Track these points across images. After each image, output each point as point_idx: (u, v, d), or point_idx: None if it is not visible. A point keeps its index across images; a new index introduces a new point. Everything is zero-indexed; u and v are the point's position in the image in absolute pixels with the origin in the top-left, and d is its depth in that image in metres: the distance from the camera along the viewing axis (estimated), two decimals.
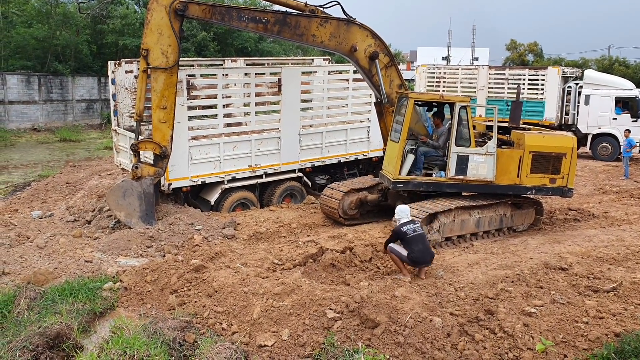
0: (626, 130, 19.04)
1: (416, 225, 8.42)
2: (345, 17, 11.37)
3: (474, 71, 24.50)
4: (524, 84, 22.47)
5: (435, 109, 11.60)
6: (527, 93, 22.44)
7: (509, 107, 22.47)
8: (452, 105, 10.69)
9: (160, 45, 10.20)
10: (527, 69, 23.72)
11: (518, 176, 10.85)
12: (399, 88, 11.95)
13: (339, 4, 11.57)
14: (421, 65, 26.45)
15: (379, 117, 12.50)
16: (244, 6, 10.12)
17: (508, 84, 23.00)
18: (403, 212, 8.58)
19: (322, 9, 11.47)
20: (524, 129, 11.92)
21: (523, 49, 62.91)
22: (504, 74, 23.47)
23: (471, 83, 24.09)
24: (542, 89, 22.28)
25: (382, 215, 12.03)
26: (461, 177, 10.69)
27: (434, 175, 10.96)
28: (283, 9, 11.22)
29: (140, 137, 10.86)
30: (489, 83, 23.53)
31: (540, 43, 63.21)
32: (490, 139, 10.91)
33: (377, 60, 11.55)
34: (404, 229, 8.32)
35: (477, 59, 75.34)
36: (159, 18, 10.10)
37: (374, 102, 12.55)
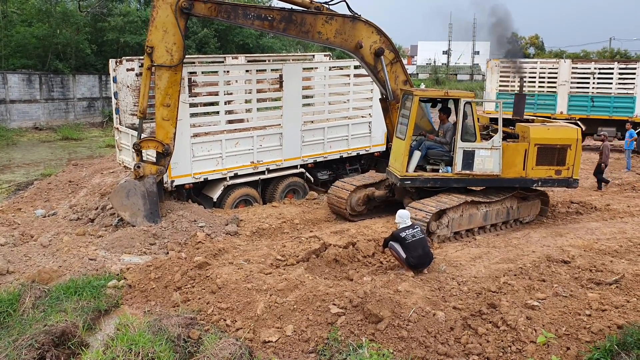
0: (628, 123, 19.02)
1: (415, 230, 8.32)
2: (350, 13, 11.38)
3: (555, 65, 23.07)
4: (612, 78, 21.52)
5: (439, 105, 11.67)
6: (616, 88, 21.44)
7: (594, 104, 21.47)
8: (456, 101, 10.77)
9: (165, 43, 10.20)
10: (617, 62, 22.45)
11: (524, 169, 10.95)
12: (404, 84, 11.98)
13: (344, 0, 11.54)
14: (493, 59, 24.93)
15: (385, 113, 12.53)
16: (250, 4, 10.18)
17: (594, 78, 21.84)
18: (402, 217, 8.52)
19: (327, 6, 11.46)
20: (527, 121, 12.00)
21: (524, 42, 62.79)
22: (589, 68, 22.19)
23: (552, 78, 22.69)
24: (633, 84, 21.21)
25: (390, 210, 12.09)
26: (468, 172, 10.77)
27: (440, 170, 11.03)
28: (289, 6, 11.21)
29: (142, 136, 10.87)
30: (572, 78, 22.30)
31: (541, 36, 63.11)
32: (495, 131, 11.00)
33: (382, 57, 11.57)
34: (403, 234, 8.25)
35: (477, 52, 75.17)
36: (164, 16, 10.09)
37: (379, 99, 12.59)
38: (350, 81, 14.44)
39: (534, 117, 12.78)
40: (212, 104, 12.42)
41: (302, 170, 13.58)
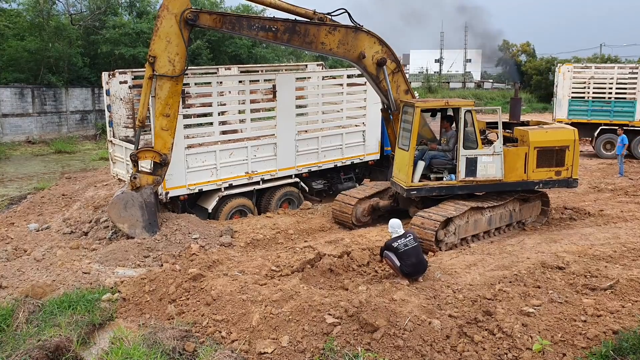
0: (619, 128, 19.16)
1: (408, 239, 8.34)
2: (352, 24, 11.52)
3: (634, 70, 21.68)
4: None
5: (438, 114, 11.90)
6: None
7: None
8: (457, 110, 10.97)
9: (168, 53, 10.24)
10: None
11: (525, 172, 11.23)
12: (405, 93, 12.14)
13: (346, 11, 11.70)
14: (565, 64, 23.55)
15: (386, 123, 12.72)
16: (254, 15, 10.36)
17: None
18: (394, 227, 8.57)
19: (330, 17, 11.60)
20: (523, 124, 12.29)
21: (516, 50, 63.20)
22: None
23: (632, 84, 21.46)
24: None
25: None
26: (471, 178, 10.96)
27: (444, 178, 11.19)
28: (293, 17, 11.32)
29: (139, 145, 10.83)
30: None
31: (532, 43, 63.55)
32: (492, 136, 11.37)
33: (384, 67, 11.72)
34: (395, 244, 8.28)
35: (469, 60, 75.65)
36: (168, 26, 10.13)
37: (381, 109, 12.78)
38: (344, 90, 14.50)
39: (529, 121, 13.05)
40: (205, 115, 12.43)
41: (297, 179, 13.58)
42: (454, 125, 11.62)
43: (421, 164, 11.07)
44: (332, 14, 11.64)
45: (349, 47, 11.39)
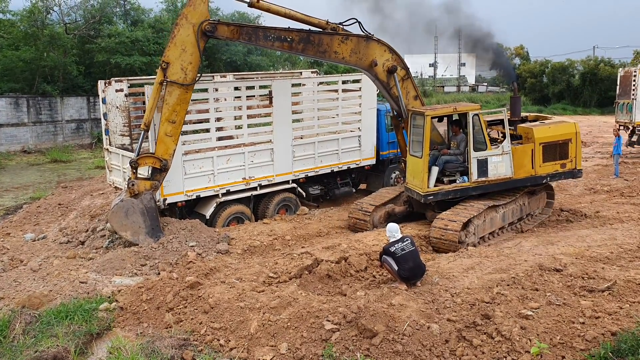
0: (614, 129, 19.25)
1: (405, 244, 8.32)
2: (364, 33, 11.71)
3: None
4: None
5: (445, 119, 12.19)
6: None
7: None
8: (465, 115, 11.25)
9: (182, 61, 10.34)
10: None
11: (533, 168, 11.64)
12: (414, 99, 12.36)
13: (357, 21, 11.87)
14: None
15: (396, 129, 12.94)
16: (270, 26, 10.69)
17: None
18: (392, 231, 8.54)
19: (342, 26, 11.83)
20: (523, 120, 12.70)
21: (510, 53, 63.45)
22: None
23: None
24: None
25: (408, 221, 12.51)
26: (484, 178, 11.29)
27: (457, 181, 11.44)
28: (307, 27, 11.52)
29: (140, 148, 10.81)
30: None
31: (526, 46, 63.89)
32: (493, 135, 11.87)
33: (395, 74, 11.90)
34: (392, 248, 8.25)
35: (464, 64, 75.99)
36: (185, 35, 10.25)
37: (390, 116, 13.11)
38: (339, 96, 14.55)
39: (527, 115, 13.38)
40: (202, 121, 12.44)
41: (294, 185, 13.58)
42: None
43: (435, 170, 11.34)
44: (344, 23, 11.89)
45: (361, 56, 11.62)
